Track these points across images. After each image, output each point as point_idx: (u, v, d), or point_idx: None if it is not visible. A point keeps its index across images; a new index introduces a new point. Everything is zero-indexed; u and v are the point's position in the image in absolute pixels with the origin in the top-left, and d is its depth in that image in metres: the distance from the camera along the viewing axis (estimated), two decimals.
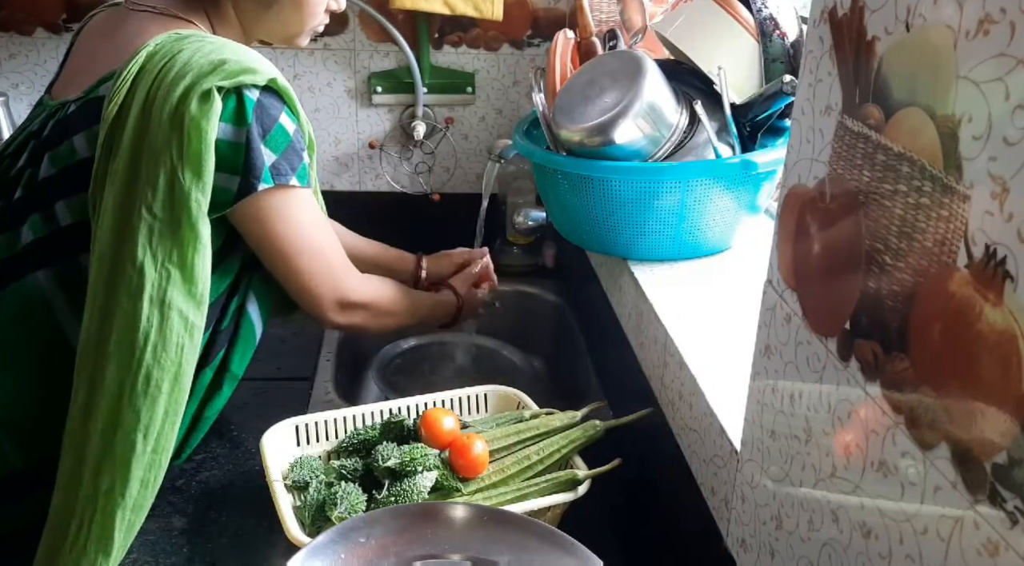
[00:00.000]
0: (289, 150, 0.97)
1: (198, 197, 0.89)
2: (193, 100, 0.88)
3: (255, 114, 0.92)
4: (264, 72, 0.94)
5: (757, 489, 0.71)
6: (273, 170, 0.95)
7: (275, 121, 0.95)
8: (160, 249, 0.89)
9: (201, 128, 0.88)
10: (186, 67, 0.90)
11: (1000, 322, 0.40)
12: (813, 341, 0.60)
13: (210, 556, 0.94)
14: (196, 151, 0.88)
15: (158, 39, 0.95)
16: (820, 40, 0.58)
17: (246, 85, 0.92)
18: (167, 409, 0.90)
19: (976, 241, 0.41)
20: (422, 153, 1.81)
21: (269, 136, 0.94)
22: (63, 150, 0.96)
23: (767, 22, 1.05)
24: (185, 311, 0.90)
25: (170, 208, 0.89)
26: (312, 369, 1.33)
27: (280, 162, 0.95)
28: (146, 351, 0.88)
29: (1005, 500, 0.40)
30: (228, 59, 0.91)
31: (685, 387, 0.90)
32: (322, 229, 1.06)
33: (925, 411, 0.46)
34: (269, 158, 0.94)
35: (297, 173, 0.98)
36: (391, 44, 1.70)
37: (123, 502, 0.88)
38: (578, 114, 1.08)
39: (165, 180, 0.88)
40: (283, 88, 0.97)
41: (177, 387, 0.91)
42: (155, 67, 0.91)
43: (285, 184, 0.96)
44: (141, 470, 0.89)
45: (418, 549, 0.88)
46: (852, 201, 0.54)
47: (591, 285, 1.35)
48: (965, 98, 0.42)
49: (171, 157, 0.88)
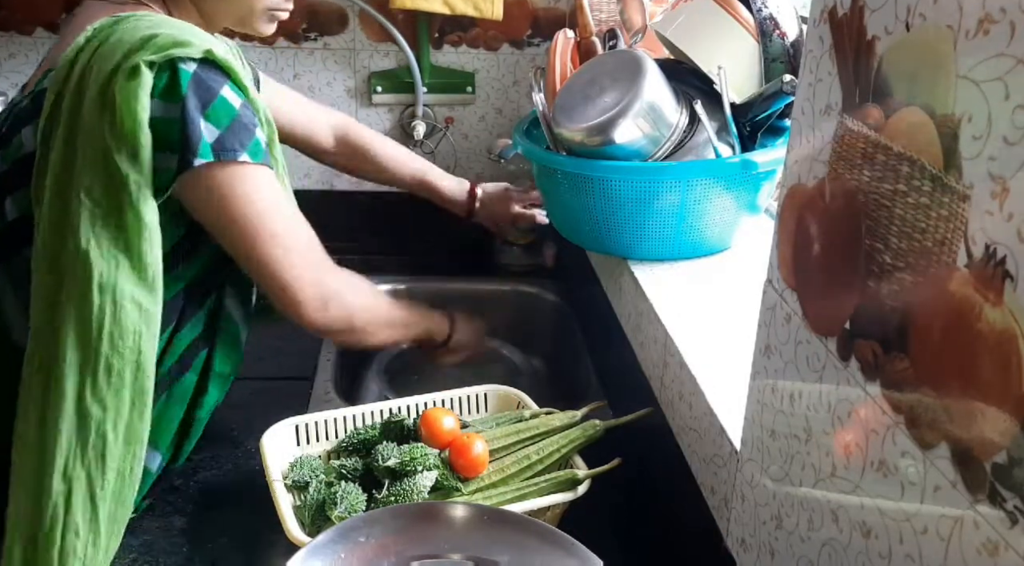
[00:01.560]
0: (236, 124, 0.90)
1: (136, 179, 0.86)
2: (120, 77, 0.84)
3: (190, 87, 0.87)
4: (198, 44, 0.89)
5: (757, 489, 0.71)
6: (217, 145, 0.89)
7: (216, 94, 0.89)
8: (104, 235, 0.86)
9: (130, 106, 0.84)
10: (117, 45, 0.87)
11: (1000, 322, 0.40)
12: (813, 341, 0.60)
13: (210, 556, 0.94)
14: (129, 130, 0.84)
15: (97, 23, 0.91)
16: (820, 40, 0.58)
17: (179, 58, 0.87)
18: (133, 398, 0.88)
19: (976, 241, 0.41)
20: (422, 153, 1.81)
21: (209, 109, 0.88)
22: (13, 145, 0.94)
23: (767, 22, 1.05)
24: (137, 297, 0.87)
25: (109, 192, 0.86)
26: (312, 369, 1.33)
27: (225, 136, 0.89)
28: (102, 341, 0.86)
29: (1005, 500, 0.40)
30: (160, 34, 0.87)
31: (685, 387, 0.90)
32: (286, 212, 0.98)
33: (925, 411, 0.46)
34: (211, 133, 0.88)
35: (248, 149, 0.91)
36: (391, 44, 1.70)
37: (102, 493, 0.87)
38: (578, 114, 1.08)
39: (100, 163, 0.85)
40: (222, 60, 0.91)
41: (141, 374, 0.88)
42: (89, 51, 0.88)
43: (232, 160, 0.90)
44: (115, 461, 0.87)
45: (418, 549, 0.88)
46: (852, 201, 0.54)
47: (591, 285, 1.35)
48: (965, 98, 0.42)
49: (104, 138, 0.85)
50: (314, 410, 1.22)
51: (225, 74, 0.91)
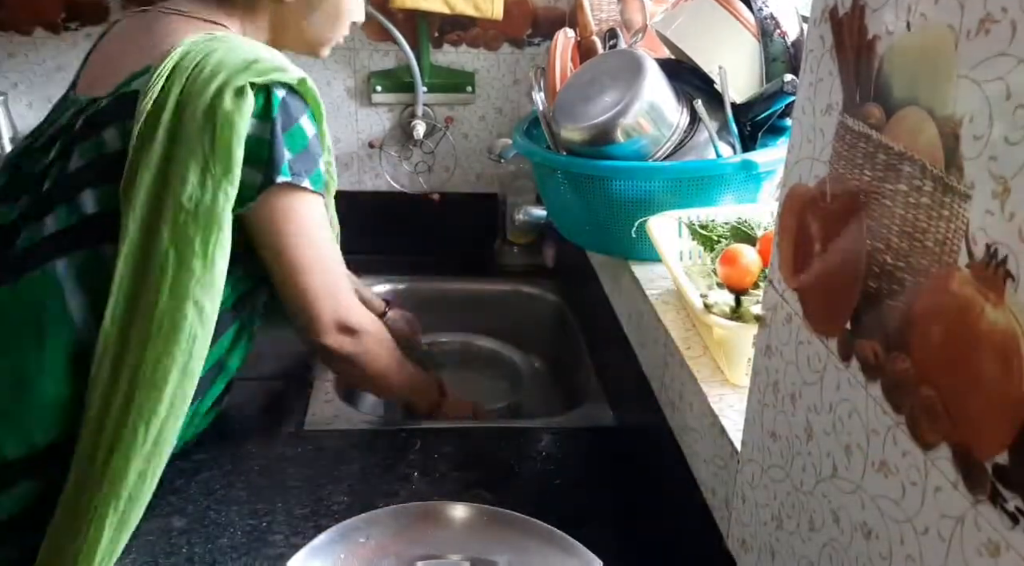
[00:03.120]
0: (305, 152, 0.98)
1: (227, 189, 0.91)
2: (227, 95, 0.91)
3: (280, 111, 0.95)
4: (294, 73, 0.97)
5: (757, 489, 0.71)
6: (289, 167, 0.96)
7: (295, 121, 0.97)
8: (184, 239, 0.91)
9: (233, 123, 0.91)
10: (220, 65, 0.93)
11: (1001, 322, 0.40)
12: (814, 341, 0.60)
13: (210, 556, 0.94)
14: (227, 145, 0.91)
15: (192, 38, 0.97)
16: (821, 39, 0.58)
17: (276, 82, 0.94)
18: (172, 400, 0.91)
19: (977, 241, 0.41)
20: (422, 152, 1.81)
21: (287, 133, 0.96)
22: (93, 143, 0.97)
23: (768, 21, 1.05)
24: (201, 302, 0.91)
25: (199, 200, 0.91)
26: (312, 369, 1.33)
27: (295, 161, 0.97)
28: (158, 339, 0.89)
29: (1006, 500, 0.40)
30: (261, 58, 0.95)
31: (685, 387, 0.89)
32: (330, 242, 1.06)
33: (926, 411, 0.46)
34: (287, 155, 0.96)
35: (311, 176, 0.99)
36: (391, 43, 1.70)
37: (119, 492, 0.88)
38: (578, 114, 1.08)
39: (196, 172, 0.91)
40: (310, 91, 0.99)
41: (186, 378, 0.91)
42: (190, 64, 0.94)
43: (298, 184, 0.97)
44: (140, 461, 0.89)
45: (418, 549, 0.88)
46: (853, 201, 0.54)
47: (591, 285, 1.35)
48: (966, 97, 0.42)
49: (203, 150, 0.91)
50: (314, 410, 1.22)
51: (305, 102, 0.99)
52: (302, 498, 1.03)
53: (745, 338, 0.82)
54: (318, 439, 1.15)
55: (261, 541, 0.96)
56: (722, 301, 0.85)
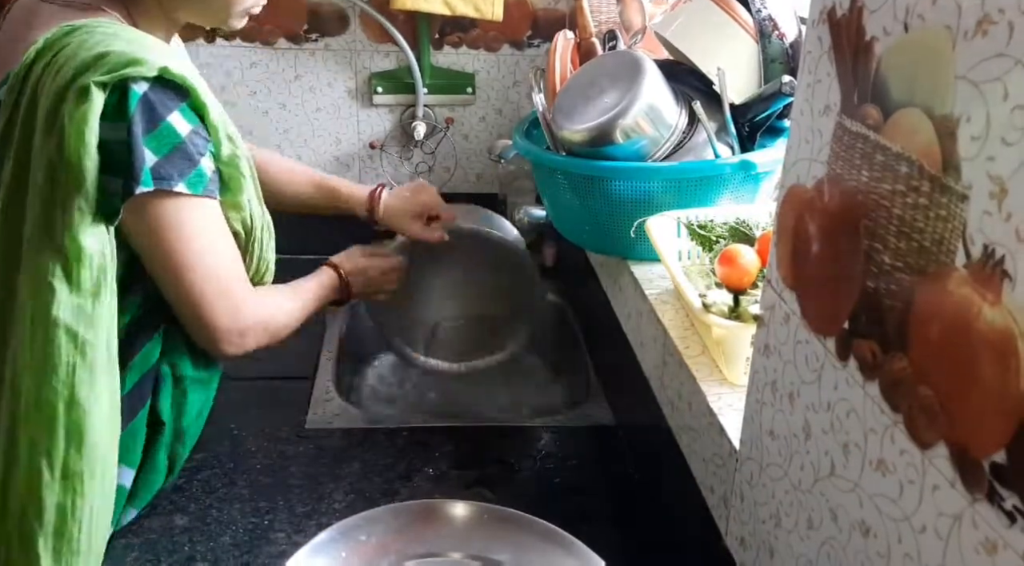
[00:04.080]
0: (176, 153, 0.86)
1: (80, 204, 0.82)
2: (71, 99, 0.81)
3: (138, 109, 0.83)
4: (153, 62, 0.84)
5: (756, 488, 0.71)
6: (154, 172, 0.85)
7: (161, 119, 0.85)
8: (42, 263, 0.82)
9: (79, 129, 0.81)
10: (69, 62, 0.83)
11: (998, 321, 0.40)
12: (812, 340, 0.60)
13: (212, 554, 0.94)
14: (74, 154, 0.81)
15: (49, 34, 0.87)
16: (819, 40, 0.58)
17: (131, 78, 0.83)
18: (68, 433, 0.83)
19: (974, 241, 0.42)
20: (422, 153, 1.81)
21: (151, 134, 0.84)
22: None
23: (766, 23, 1.05)
24: (74, 327, 0.83)
25: (50, 216, 0.82)
26: (312, 369, 1.33)
27: (162, 165, 0.85)
28: (31, 373, 0.82)
29: (1003, 499, 0.40)
30: (112, 51, 0.83)
31: (684, 386, 0.90)
32: (217, 246, 0.94)
33: (923, 410, 0.46)
34: (150, 159, 0.85)
35: (187, 179, 0.87)
36: (391, 44, 1.70)
37: (41, 530, 0.83)
38: (578, 114, 1.08)
39: (47, 187, 0.82)
40: (179, 77, 0.86)
41: (76, 409, 0.83)
42: (39, 66, 0.85)
43: (168, 189, 0.86)
44: (54, 497, 0.83)
45: (419, 547, 0.88)
46: (850, 201, 0.54)
47: (591, 285, 1.35)
48: (964, 98, 0.42)
49: (50, 162, 0.82)
50: (314, 410, 1.22)
51: (181, 94, 0.87)
52: (303, 496, 1.03)
53: (743, 338, 0.82)
54: (319, 438, 1.16)
55: (263, 539, 0.96)
56: (721, 301, 0.85)
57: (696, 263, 1.01)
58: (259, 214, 1.01)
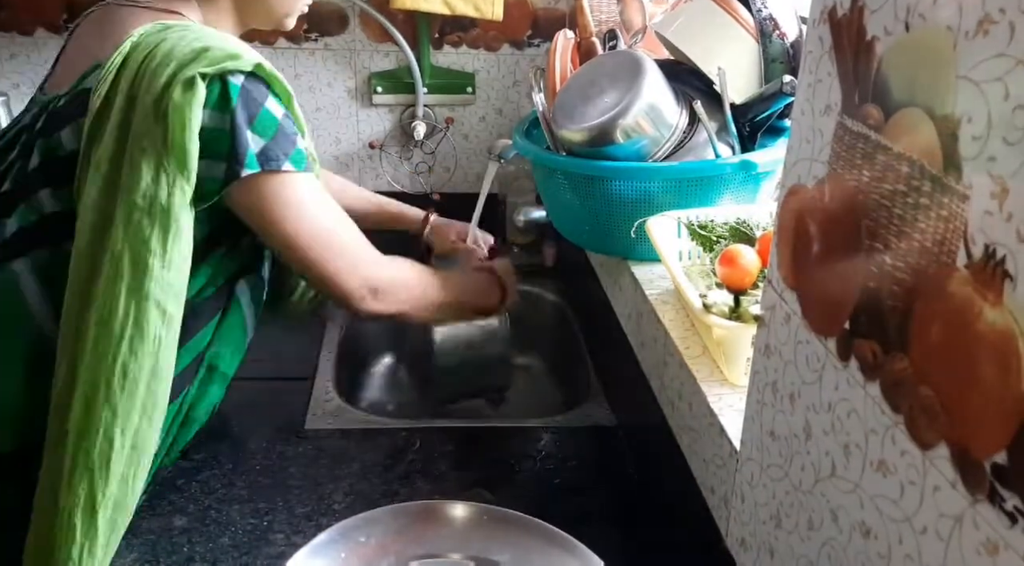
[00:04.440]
0: (279, 135, 0.94)
1: (183, 186, 0.88)
2: (177, 88, 0.87)
3: (240, 100, 0.91)
4: (248, 58, 0.92)
5: (756, 488, 0.71)
6: (261, 157, 0.92)
7: (261, 106, 0.93)
8: (139, 238, 0.87)
9: (184, 116, 0.87)
10: (169, 56, 0.89)
11: (999, 322, 0.40)
12: (812, 341, 0.60)
13: (211, 555, 0.94)
14: (180, 140, 0.87)
15: (142, 29, 0.94)
16: (820, 40, 0.58)
17: (230, 71, 0.90)
18: (145, 404, 0.88)
19: (975, 241, 0.42)
20: (422, 153, 1.81)
21: (255, 121, 0.92)
22: (51, 142, 0.95)
23: (767, 22, 1.05)
24: (163, 302, 0.88)
25: (153, 197, 0.87)
26: (312, 369, 1.33)
27: (269, 147, 0.93)
28: (122, 343, 0.86)
29: (1004, 499, 0.40)
30: (211, 46, 0.90)
31: (685, 387, 0.90)
32: (331, 212, 1.02)
33: (924, 411, 0.46)
34: (256, 144, 0.92)
35: (291, 157, 0.95)
36: (391, 44, 1.70)
37: (104, 499, 0.86)
38: (578, 114, 1.08)
39: (149, 169, 0.87)
40: (269, 74, 0.94)
41: (156, 381, 0.88)
42: (139, 57, 0.91)
43: (277, 169, 0.93)
44: (121, 466, 0.86)
45: (418, 548, 0.88)
46: (851, 201, 0.54)
47: (591, 285, 1.35)
48: (965, 98, 0.42)
49: (155, 146, 0.87)
50: (314, 411, 1.22)
51: (268, 86, 0.94)
52: (303, 497, 1.03)
53: (744, 338, 0.82)
54: (318, 438, 1.16)
55: (262, 540, 0.96)
56: (721, 301, 0.85)
57: (696, 263, 1.01)
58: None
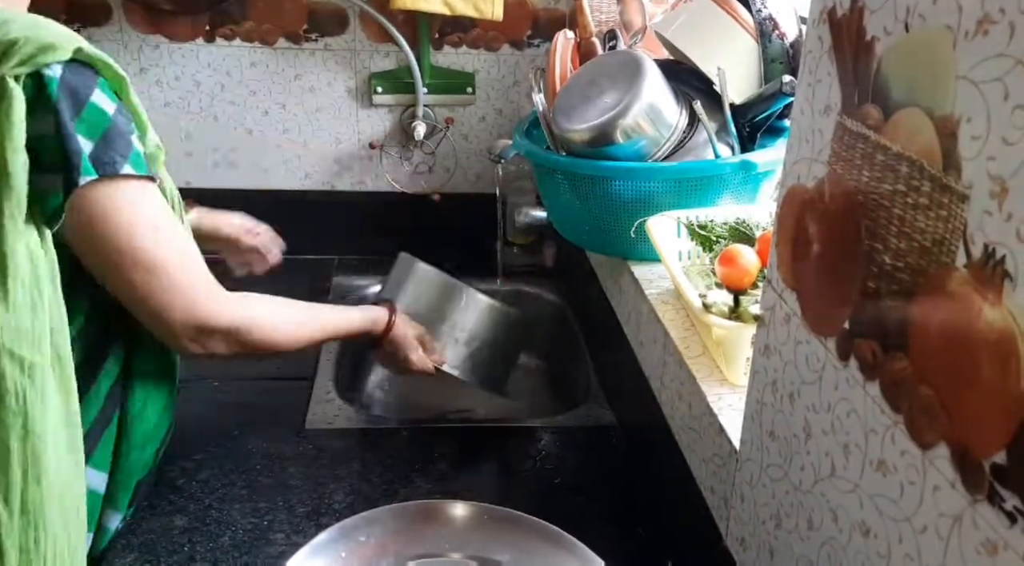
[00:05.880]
0: (111, 134, 0.79)
1: (11, 211, 0.74)
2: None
3: (60, 93, 0.76)
4: (64, 45, 0.76)
5: (756, 488, 0.71)
6: (93, 159, 0.77)
7: (86, 100, 0.77)
8: None
9: (2, 129, 0.73)
10: None
11: (999, 322, 0.40)
12: (812, 341, 0.60)
13: (211, 555, 0.94)
14: (1, 157, 0.73)
15: None
16: (819, 40, 0.58)
17: (45, 64, 0.75)
18: (25, 467, 0.76)
19: (975, 241, 0.42)
20: (422, 153, 1.81)
21: (79, 118, 0.77)
22: None
23: (766, 22, 1.05)
24: (17, 350, 0.75)
25: None
26: (312, 369, 1.33)
27: (100, 149, 0.78)
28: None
29: (1004, 499, 0.40)
30: (18, 37, 0.74)
31: (684, 387, 0.90)
32: (169, 232, 0.86)
33: (924, 411, 0.46)
34: (86, 145, 0.77)
35: (129, 159, 0.80)
36: (391, 44, 1.70)
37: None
38: (578, 114, 1.08)
39: None
40: (93, 58, 0.79)
41: (30, 439, 0.76)
42: None
43: (113, 173, 0.79)
44: (14, 539, 0.76)
45: (418, 548, 0.88)
46: (851, 201, 0.54)
47: (591, 285, 1.35)
48: (964, 98, 0.42)
49: None
50: (314, 411, 1.22)
51: (95, 75, 0.79)
52: (303, 497, 1.03)
53: (744, 338, 0.82)
54: (319, 438, 1.16)
55: (262, 539, 0.96)
56: (721, 301, 0.85)
57: (696, 263, 1.01)
58: (172, 185, 0.93)
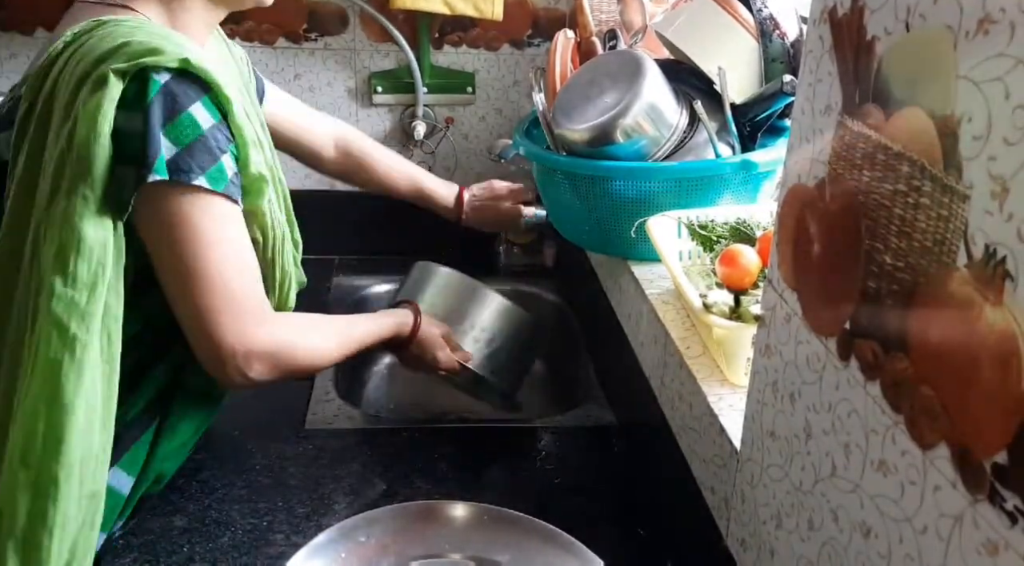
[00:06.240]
0: (198, 145, 0.82)
1: (84, 193, 0.79)
2: (88, 87, 0.79)
3: (157, 98, 0.80)
4: (172, 54, 0.81)
5: (757, 488, 0.71)
6: (171, 164, 0.81)
7: (183, 109, 0.82)
8: (43, 250, 0.79)
9: (92, 116, 0.78)
10: (88, 54, 0.81)
11: (1000, 322, 0.40)
12: (813, 341, 0.60)
13: (211, 555, 0.94)
14: (84, 141, 0.78)
15: (76, 28, 0.86)
16: (820, 40, 0.58)
17: (151, 67, 0.80)
18: (45, 433, 0.78)
19: (976, 241, 0.41)
20: (422, 153, 1.81)
21: (171, 124, 0.81)
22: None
23: (767, 22, 1.05)
24: (65, 322, 0.78)
25: (57, 204, 0.79)
26: None
27: (182, 156, 0.81)
28: (14, 367, 0.79)
29: (1005, 500, 0.40)
30: (132, 41, 0.81)
31: (685, 387, 0.90)
32: (238, 256, 0.88)
33: (924, 411, 0.46)
34: (168, 149, 0.80)
35: (207, 174, 0.82)
36: (391, 44, 1.70)
37: (11, 536, 0.78)
38: (578, 114, 1.08)
39: (55, 174, 0.80)
40: (199, 70, 0.83)
41: (56, 409, 0.78)
42: (65, 57, 0.83)
43: (185, 182, 0.81)
44: (26, 498, 0.78)
45: (418, 548, 0.88)
46: (852, 201, 0.54)
47: (591, 285, 1.35)
48: (965, 98, 0.42)
49: (62, 150, 0.79)
50: (314, 410, 1.22)
51: (203, 88, 0.84)
52: (303, 497, 1.03)
53: (744, 338, 0.82)
54: (319, 438, 1.15)
55: (262, 540, 0.96)
56: (721, 301, 0.85)
57: (697, 263, 1.01)
58: (280, 221, 0.96)
